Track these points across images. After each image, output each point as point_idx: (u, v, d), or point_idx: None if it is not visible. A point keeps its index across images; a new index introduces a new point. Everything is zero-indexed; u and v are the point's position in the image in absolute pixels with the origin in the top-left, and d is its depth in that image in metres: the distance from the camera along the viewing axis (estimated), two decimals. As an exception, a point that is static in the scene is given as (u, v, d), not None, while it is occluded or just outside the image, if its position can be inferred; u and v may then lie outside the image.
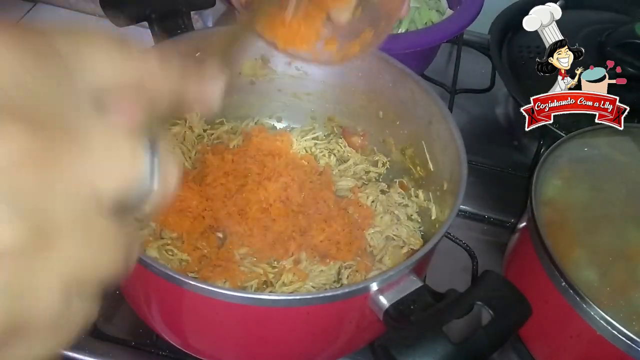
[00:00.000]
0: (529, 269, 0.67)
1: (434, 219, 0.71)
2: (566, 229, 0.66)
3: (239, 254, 0.66)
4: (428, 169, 0.72)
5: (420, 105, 0.70)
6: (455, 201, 0.59)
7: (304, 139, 0.81)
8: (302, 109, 0.81)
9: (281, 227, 0.67)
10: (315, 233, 0.68)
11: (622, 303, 0.60)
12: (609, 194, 0.70)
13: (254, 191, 0.72)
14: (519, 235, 0.74)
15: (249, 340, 0.58)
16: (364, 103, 0.77)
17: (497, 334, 0.49)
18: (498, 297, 0.50)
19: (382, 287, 0.52)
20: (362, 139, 0.80)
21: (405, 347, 0.45)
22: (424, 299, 0.51)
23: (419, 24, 0.97)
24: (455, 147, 0.64)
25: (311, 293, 0.62)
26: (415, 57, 0.89)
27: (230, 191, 0.70)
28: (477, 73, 1.08)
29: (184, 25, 0.71)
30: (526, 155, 0.96)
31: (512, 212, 0.85)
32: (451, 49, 1.14)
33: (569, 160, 0.72)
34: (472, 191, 0.87)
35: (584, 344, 0.62)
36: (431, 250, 0.56)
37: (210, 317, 0.55)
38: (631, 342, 0.57)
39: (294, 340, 0.58)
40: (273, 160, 0.75)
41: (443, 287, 0.52)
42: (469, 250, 0.80)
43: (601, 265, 0.63)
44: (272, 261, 0.67)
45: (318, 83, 0.78)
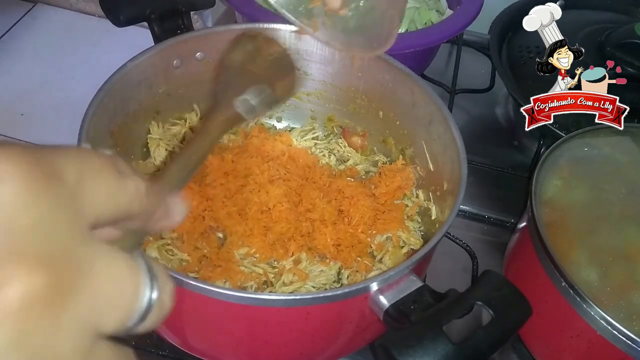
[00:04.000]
0: (529, 269, 0.67)
1: (434, 219, 0.71)
2: (566, 229, 0.66)
3: (239, 254, 0.66)
4: (428, 168, 0.72)
5: (420, 105, 0.70)
6: (455, 201, 0.59)
7: (304, 139, 0.81)
8: (302, 109, 0.81)
9: (282, 228, 0.67)
10: (317, 235, 0.68)
11: (622, 303, 0.60)
12: (609, 194, 0.70)
13: (254, 191, 0.72)
14: (519, 235, 0.74)
15: (249, 340, 0.58)
16: (364, 103, 0.77)
17: (497, 334, 0.49)
18: (498, 297, 0.50)
19: (382, 287, 0.52)
20: (362, 139, 0.80)
21: (406, 347, 0.45)
22: (424, 299, 0.51)
23: (419, 24, 0.97)
24: (455, 147, 0.64)
25: (311, 293, 0.62)
26: (415, 57, 0.89)
27: (230, 191, 0.70)
28: (477, 73, 1.08)
29: (184, 25, 0.71)
30: (526, 155, 0.96)
31: (512, 212, 0.85)
32: (451, 49, 1.14)
33: (569, 160, 0.72)
34: (472, 191, 0.87)
35: (584, 344, 0.62)
36: (431, 250, 0.56)
37: (210, 317, 0.55)
38: (631, 342, 0.56)
39: (294, 340, 0.58)
40: (273, 161, 0.75)
41: (443, 287, 0.52)
42: (469, 250, 0.80)
43: (601, 265, 0.63)
44: (272, 261, 0.67)
45: (318, 83, 0.78)
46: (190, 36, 0.71)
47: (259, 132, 0.78)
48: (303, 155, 0.77)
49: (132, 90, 0.68)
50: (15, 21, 1.12)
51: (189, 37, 0.71)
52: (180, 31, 0.70)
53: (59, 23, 1.13)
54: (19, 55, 1.07)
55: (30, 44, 1.09)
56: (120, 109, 0.67)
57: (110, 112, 0.65)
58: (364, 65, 0.74)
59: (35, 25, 1.12)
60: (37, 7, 1.16)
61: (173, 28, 0.70)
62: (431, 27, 0.91)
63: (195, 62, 0.73)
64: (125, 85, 0.66)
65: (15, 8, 1.15)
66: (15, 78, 1.03)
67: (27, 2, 1.17)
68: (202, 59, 0.73)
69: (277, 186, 0.71)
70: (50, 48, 1.08)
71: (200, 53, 0.73)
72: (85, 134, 0.58)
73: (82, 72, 1.04)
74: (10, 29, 1.11)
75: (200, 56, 0.73)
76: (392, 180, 0.73)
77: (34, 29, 1.12)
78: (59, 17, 1.14)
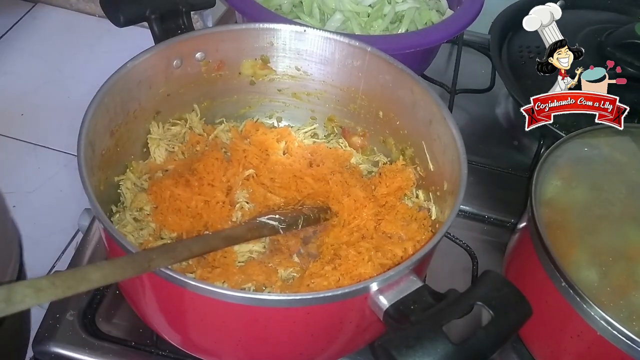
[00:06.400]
0: (529, 269, 0.67)
1: (434, 219, 0.71)
2: (566, 229, 0.66)
3: (237, 254, 0.66)
4: (428, 169, 0.72)
5: (420, 105, 0.70)
6: (455, 201, 0.59)
7: (303, 139, 0.81)
8: (302, 109, 0.81)
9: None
10: (319, 236, 0.68)
11: (622, 303, 0.60)
12: (609, 194, 0.70)
13: (254, 191, 0.72)
14: (519, 235, 0.74)
15: (249, 340, 0.58)
16: (364, 103, 0.77)
17: (497, 334, 0.49)
18: (498, 297, 0.50)
19: (382, 287, 0.52)
20: (362, 139, 0.80)
21: (406, 348, 0.45)
22: (424, 299, 0.51)
23: (419, 24, 0.97)
24: (455, 147, 0.64)
25: (311, 293, 0.62)
26: (415, 57, 0.89)
27: (230, 191, 0.70)
28: (477, 73, 1.08)
29: (184, 25, 0.71)
30: (526, 155, 0.96)
31: (512, 212, 0.85)
32: (451, 49, 1.14)
33: (569, 160, 0.72)
34: (472, 191, 0.87)
35: (584, 344, 0.62)
36: (431, 250, 0.56)
37: (210, 317, 0.55)
38: (631, 342, 0.57)
39: (294, 340, 0.58)
40: (273, 159, 0.76)
41: (443, 287, 0.52)
42: (469, 250, 0.80)
43: (601, 265, 0.63)
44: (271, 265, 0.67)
45: (318, 83, 0.78)
46: (190, 36, 0.71)
47: (256, 129, 0.78)
48: (303, 154, 0.78)
49: (132, 90, 0.68)
50: (15, 21, 1.12)
51: (189, 37, 0.71)
52: (180, 31, 0.70)
53: (59, 23, 1.13)
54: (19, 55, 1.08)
55: (30, 44, 1.09)
56: (120, 109, 0.67)
57: (110, 112, 0.65)
58: (364, 65, 0.74)
59: (35, 25, 1.12)
60: (37, 7, 1.16)
61: (173, 28, 0.70)
62: (431, 27, 0.92)
63: (195, 62, 0.73)
64: (125, 85, 0.66)
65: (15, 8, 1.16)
66: (15, 78, 1.03)
67: (27, 2, 1.17)
68: (202, 59, 0.73)
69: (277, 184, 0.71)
70: (50, 48, 1.08)
71: (200, 53, 0.73)
72: (85, 134, 0.58)
73: (82, 72, 1.04)
74: (10, 29, 1.11)
75: (200, 56, 0.73)
76: (392, 181, 0.73)
77: (34, 29, 1.12)
78: (59, 17, 1.15)
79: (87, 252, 0.77)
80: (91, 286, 0.45)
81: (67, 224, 1.24)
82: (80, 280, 0.44)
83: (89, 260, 0.76)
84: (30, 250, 0.72)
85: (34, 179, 1.28)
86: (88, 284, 0.45)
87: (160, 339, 0.66)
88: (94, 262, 0.76)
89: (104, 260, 0.53)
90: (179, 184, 0.69)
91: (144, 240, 0.66)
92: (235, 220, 0.70)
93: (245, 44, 0.74)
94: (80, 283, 0.44)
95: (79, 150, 0.57)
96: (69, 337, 0.68)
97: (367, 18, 0.96)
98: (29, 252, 0.72)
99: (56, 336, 0.68)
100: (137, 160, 0.73)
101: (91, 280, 0.45)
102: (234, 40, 0.74)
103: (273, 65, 0.77)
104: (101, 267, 0.47)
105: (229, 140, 0.77)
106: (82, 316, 0.70)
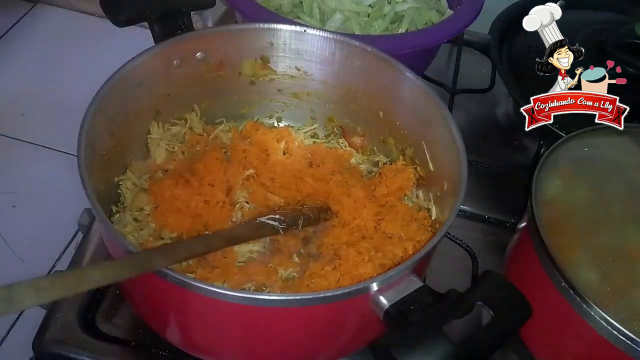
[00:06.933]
0: (529, 269, 0.67)
1: (434, 219, 0.71)
2: (566, 229, 0.66)
3: (238, 254, 0.66)
4: (428, 169, 0.72)
5: (420, 105, 0.70)
6: (455, 201, 0.59)
7: (303, 139, 0.81)
8: (302, 109, 0.81)
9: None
10: (319, 236, 0.68)
11: (622, 303, 0.60)
12: (609, 194, 0.70)
13: (254, 191, 0.72)
14: (519, 235, 0.74)
15: (249, 340, 0.58)
16: (364, 103, 0.77)
17: (497, 334, 0.49)
18: (498, 297, 0.50)
19: (382, 287, 0.52)
20: (362, 139, 0.80)
21: (406, 348, 0.46)
22: (425, 299, 0.51)
23: (419, 24, 0.97)
24: (455, 147, 0.64)
25: (311, 293, 0.62)
26: (415, 57, 0.89)
27: (230, 191, 0.70)
28: (477, 73, 1.08)
29: (184, 25, 0.71)
30: (526, 155, 0.96)
31: (512, 212, 0.85)
32: (451, 49, 1.14)
33: (569, 160, 0.72)
34: (472, 191, 0.87)
35: (584, 344, 0.62)
36: (431, 250, 0.56)
37: (210, 317, 0.55)
38: (631, 342, 0.56)
39: (294, 340, 0.58)
40: (273, 160, 0.76)
41: (443, 287, 0.52)
42: (469, 250, 0.80)
43: (601, 265, 0.63)
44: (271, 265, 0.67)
45: (318, 83, 0.78)
46: (190, 36, 0.71)
47: (256, 129, 0.78)
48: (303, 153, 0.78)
49: (132, 90, 0.68)
50: (15, 21, 1.12)
51: (189, 37, 0.71)
52: (180, 31, 0.70)
53: (59, 23, 1.13)
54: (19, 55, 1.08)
55: (30, 44, 1.09)
56: (120, 109, 0.67)
57: (110, 112, 0.65)
58: (364, 65, 0.74)
59: (35, 25, 1.12)
60: (37, 7, 1.16)
61: (173, 28, 0.70)
62: (431, 27, 0.91)
63: (195, 62, 0.73)
64: (125, 85, 0.66)
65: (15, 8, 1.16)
66: (15, 78, 1.03)
67: (27, 2, 1.17)
68: (202, 59, 0.73)
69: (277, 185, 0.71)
70: (50, 48, 1.09)
71: (200, 53, 0.73)
72: (85, 134, 0.58)
73: (82, 72, 1.04)
74: (11, 29, 1.11)
75: (200, 56, 0.73)
76: (392, 181, 0.73)
77: (34, 29, 1.12)
78: (59, 17, 1.15)
79: (87, 252, 0.77)
80: (91, 286, 0.45)
81: (67, 224, 1.24)
82: (80, 280, 0.44)
83: (89, 260, 0.76)
84: (30, 250, 0.71)
85: (34, 179, 1.28)
86: (88, 284, 0.45)
87: (160, 339, 0.66)
88: (94, 262, 0.76)
89: (104, 260, 0.53)
90: (179, 184, 0.69)
91: (144, 240, 0.66)
92: (235, 220, 0.70)
93: (245, 44, 0.74)
94: (80, 283, 0.44)
95: (79, 151, 0.57)
96: (69, 337, 0.68)
97: (367, 18, 0.96)
98: (29, 252, 0.72)
99: (56, 336, 0.68)
100: (137, 160, 0.73)
101: (91, 280, 0.45)
102: (234, 40, 0.74)
103: (273, 65, 0.77)
104: (101, 267, 0.47)
105: (229, 140, 0.77)
106: (82, 316, 0.70)
